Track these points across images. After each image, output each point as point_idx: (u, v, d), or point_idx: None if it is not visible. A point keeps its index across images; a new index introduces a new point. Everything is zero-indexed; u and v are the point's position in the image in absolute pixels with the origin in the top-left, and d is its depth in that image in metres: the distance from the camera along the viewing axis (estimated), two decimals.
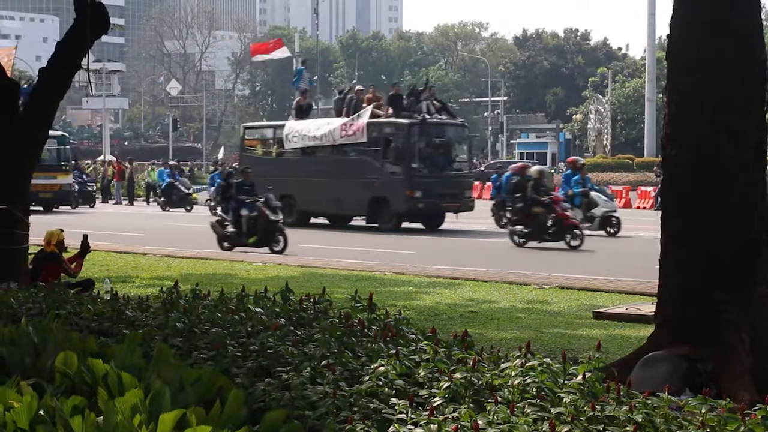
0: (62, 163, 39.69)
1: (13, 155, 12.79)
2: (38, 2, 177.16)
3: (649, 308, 11.38)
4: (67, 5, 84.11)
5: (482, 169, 68.32)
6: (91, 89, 73.98)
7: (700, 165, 7.71)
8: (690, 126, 7.79)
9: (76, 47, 13.13)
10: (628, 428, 4.90)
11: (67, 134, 45.66)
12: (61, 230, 13.35)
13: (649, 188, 45.40)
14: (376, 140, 28.68)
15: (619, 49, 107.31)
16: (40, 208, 38.38)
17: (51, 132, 39.80)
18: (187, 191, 41.18)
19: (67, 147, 41.28)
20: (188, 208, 40.23)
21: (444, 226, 29.52)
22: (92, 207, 43.08)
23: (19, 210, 12.65)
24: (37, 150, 13.38)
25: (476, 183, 55.42)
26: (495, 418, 4.94)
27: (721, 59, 7.69)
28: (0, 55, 37.13)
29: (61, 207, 39.97)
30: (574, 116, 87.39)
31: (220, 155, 77.84)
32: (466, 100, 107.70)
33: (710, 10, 7.79)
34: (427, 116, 28.53)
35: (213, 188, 36.90)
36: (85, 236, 13.44)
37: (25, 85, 38.59)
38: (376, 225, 28.55)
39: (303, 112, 32.12)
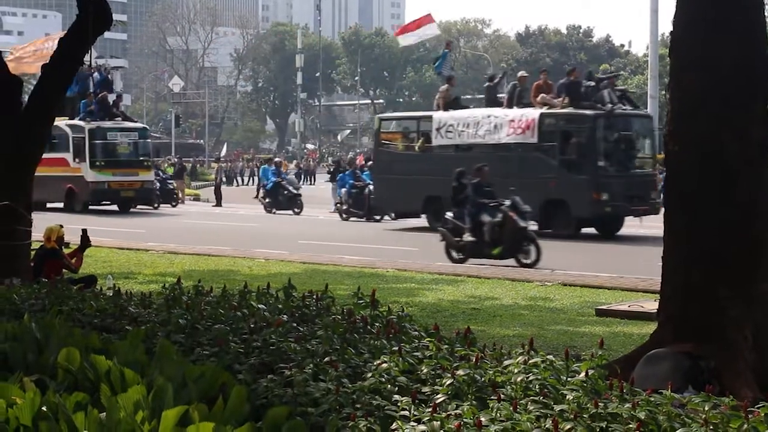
0: (143, 158, 36.13)
1: (16, 152, 12.80)
2: None
3: (651, 305, 11.37)
4: (70, 1, 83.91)
5: None
6: None
7: (703, 162, 7.70)
8: (693, 123, 7.79)
9: (79, 43, 13.14)
10: (630, 425, 4.89)
11: (147, 126, 40.86)
12: (61, 226, 13.35)
13: None
14: (552, 134, 25.13)
15: (622, 45, 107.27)
16: (115, 208, 35.79)
17: (129, 124, 37.38)
18: (295, 191, 36.12)
19: (148, 141, 37.65)
20: (297, 210, 35.09)
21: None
22: (174, 206, 39.60)
23: (21, 206, 12.66)
24: (40, 146, 13.37)
25: None
26: (498, 415, 4.94)
27: (724, 56, 7.68)
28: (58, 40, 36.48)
29: (139, 206, 36.66)
30: None
31: (223, 152, 77.82)
32: (469, 96, 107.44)
33: (713, 8, 7.78)
34: (611, 106, 24.90)
35: (343, 190, 32.44)
36: (84, 230, 13.43)
37: (96, 74, 36.22)
38: (549, 231, 24.11)
39: (452, 102, 28.00)
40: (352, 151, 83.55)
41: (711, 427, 4.91)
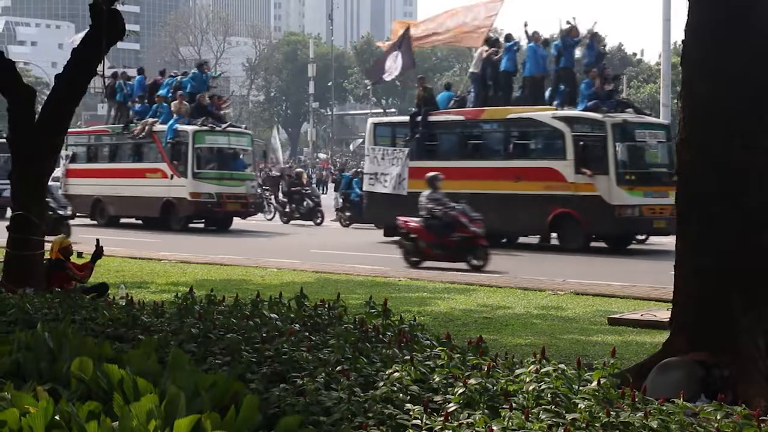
0: (669, 170, 22.38)
1: (30, 162, 12.85)
2: (54, 9, 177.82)
3: (664, 314, 11.35)
4: (83, 12, 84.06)
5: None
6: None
7: (714, 170, 7.70)
8: (703, 130, 7.80)
9: (92, 53, 13.18)
10: None
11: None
12: (65, 237, 13.38)
13: None
14: None
15: (634, 54, 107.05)
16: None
17: (650, 119, 24.84)
18: None
19: (672, 143, 23.36)
20: None
21: None
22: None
23: (35, 216, 12.71)
24: (53, 157, 13.42)
25: None
26: (510, 424, 4.94)
27: (734, 64, 7.69)
28: (479, 14, 26.40)
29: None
30: None
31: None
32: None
33: (723, 16, 7.79)
34: None
35: None
36: (98, 240, 13.44)
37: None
38: None
39: None
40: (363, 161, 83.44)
41: None
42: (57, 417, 4.90)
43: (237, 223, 32.40)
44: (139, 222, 33.15)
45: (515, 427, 4.89)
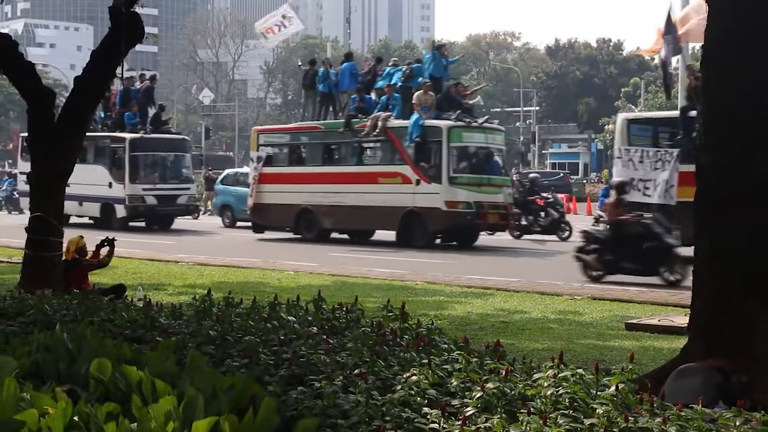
0: None
1: (48, 164, 12.90)
2: (73, 11, 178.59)
3: (682, 319, 11.33)
4: (102, 14, 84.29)
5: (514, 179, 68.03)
6: None
7: (731, 174, 7.67)
8: (721, 135, 7.77)
9: (111, 56, 13.23)
10: None
11: None
12: (81, 237, 13.43)
13: None
14: None
15: (652, 59, 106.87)
16: None
17: None
18: None
19: None
20: None
21: None
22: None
23: (53, 217, 12.76)
24: (73, 159, 13.47)
25: None
26: (527, 428, 4.93)
27: (754, 69, 7.65)
28: (701, 7, 23.23)
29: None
30: (606, 126, 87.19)
31: None
32: (498, 109, 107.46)
33: (743, 19, 7.75)
34: None
35: None
36: (106, 237, 13.48)
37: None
38: None
39: None
40: None
41: None
42: (76, 418, 4.92)
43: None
44: (344, 236, 28.69)
45: None
